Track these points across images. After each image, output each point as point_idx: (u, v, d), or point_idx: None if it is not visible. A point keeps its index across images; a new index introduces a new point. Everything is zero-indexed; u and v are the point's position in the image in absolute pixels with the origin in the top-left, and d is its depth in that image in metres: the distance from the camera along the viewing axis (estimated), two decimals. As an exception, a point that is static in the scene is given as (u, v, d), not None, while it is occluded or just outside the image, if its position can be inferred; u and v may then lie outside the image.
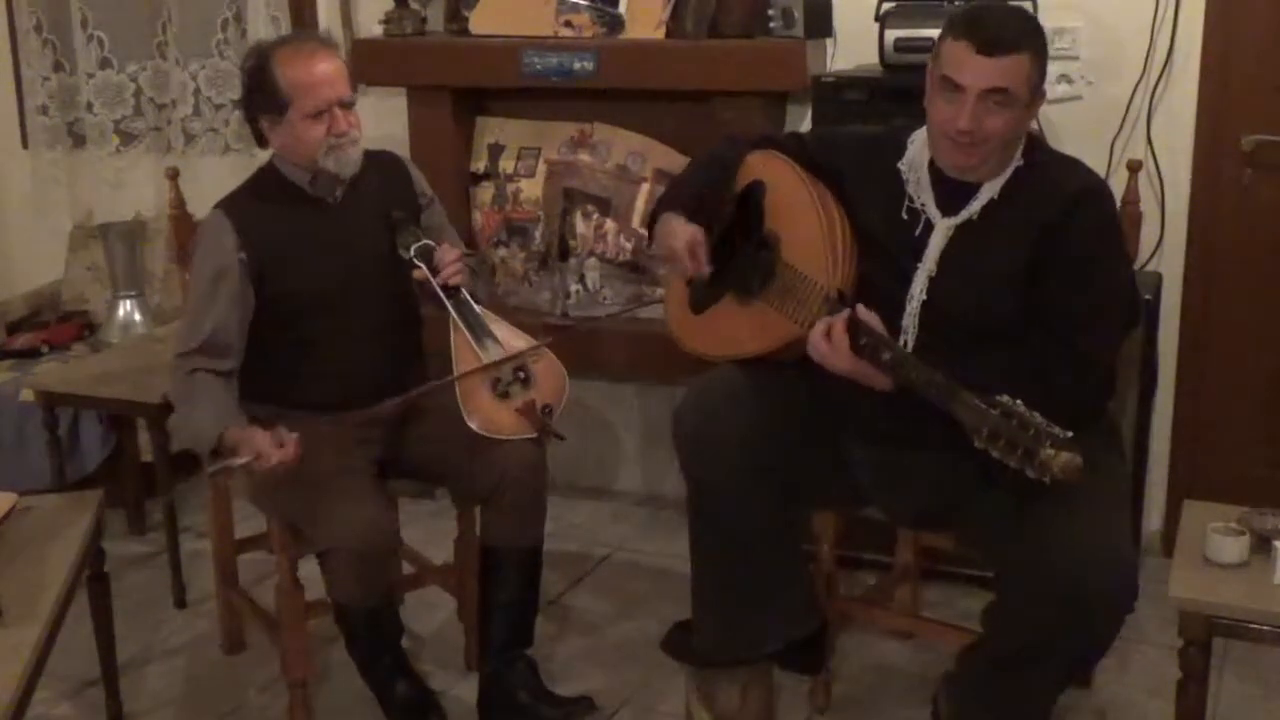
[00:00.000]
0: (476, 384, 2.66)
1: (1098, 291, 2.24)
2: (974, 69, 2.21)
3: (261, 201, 2.69)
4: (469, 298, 2.71)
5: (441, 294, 2.68)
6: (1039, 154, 2.33)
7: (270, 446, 2.46)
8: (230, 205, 2.68)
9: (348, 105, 2.63)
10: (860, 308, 2.22)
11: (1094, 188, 2.29)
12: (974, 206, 2.30)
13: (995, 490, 2.22)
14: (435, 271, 2.68)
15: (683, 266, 2.47)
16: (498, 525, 2.69)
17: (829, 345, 2.21)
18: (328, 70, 2.60)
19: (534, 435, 2.65)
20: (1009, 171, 2.30)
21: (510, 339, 2.72)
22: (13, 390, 3.67)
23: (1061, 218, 2.23)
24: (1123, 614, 2.16)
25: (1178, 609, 2.21)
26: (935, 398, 2.07)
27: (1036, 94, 2.26)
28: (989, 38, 2.21)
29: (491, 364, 2.65)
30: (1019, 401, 1.95)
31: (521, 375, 2.69)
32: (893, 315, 2.30)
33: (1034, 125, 3.14)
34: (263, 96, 2.61)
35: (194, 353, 2.60)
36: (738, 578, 2.53)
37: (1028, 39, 2.23)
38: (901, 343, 2.29)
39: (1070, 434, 1.91)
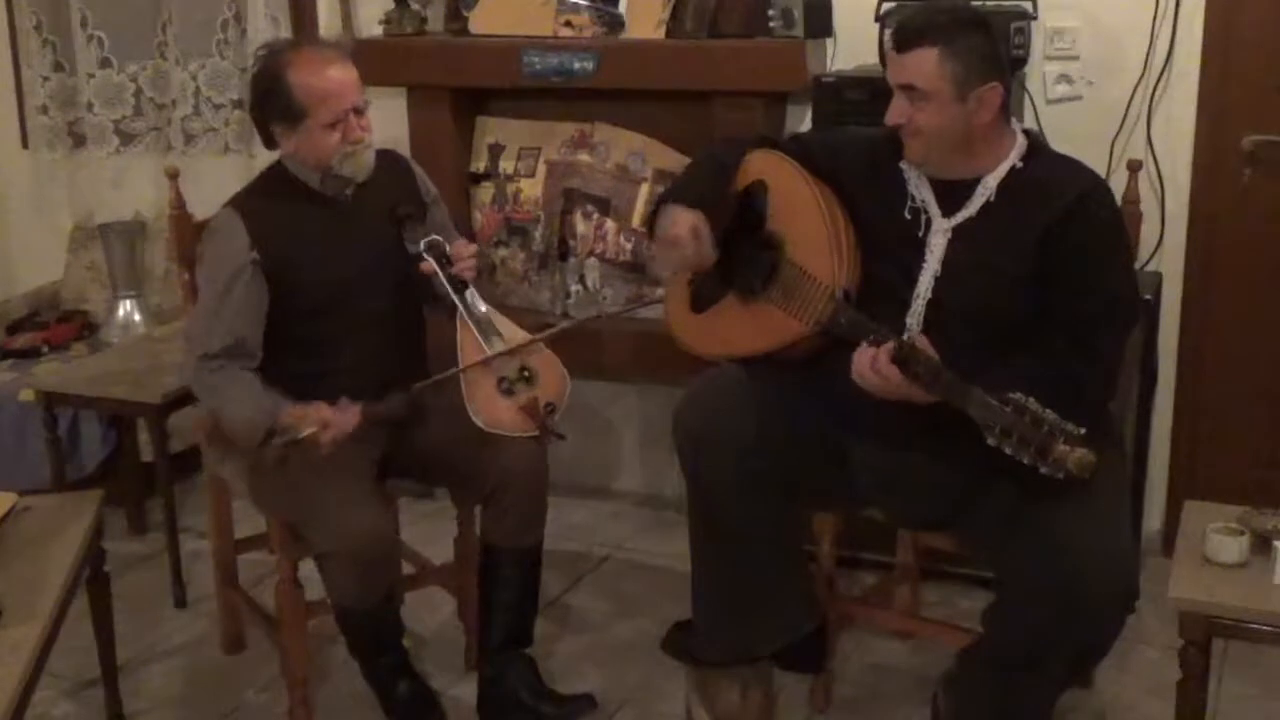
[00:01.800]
0: (482, 381, 2.66)
1: (1103, 292, 2.24)
2: (889, 65, 2.30)
3: (271, 200, 2.68)
4: (475, 294, 2.71)
5: (450, 288, 2.68)
6: (1039, 154, 2.33)
7: (335, 415, 2.48)
8: (241, 204, 2.67)
9: (360, 111, 2.62)
10: (918, 335, 2.21)
11: (1097, 189, 2.29)
12: (971, 207, 2.30)
13: (996, 491, 2.22)
14: (444, 265, 2.68)
15: (686, 251, 2.44)
16: (498, 525, 2.70)
17: (879, 376, 2.16)
18: (343, 79, 2.59)
19: (535, 433, 2.66)
20: (1002, 170, 2.29)
21: (515, 336, 2.72)
22: (13, 390, 3.67)
23: (1066, 219, 2.22)
24: (1123, 615, 2.17)
25: (1177, 609, 2.21)
26: (948, 396, 2.08)
27: (965, 87, 2.20)
28: (895, 33, 2.27)
29: (495, 355, 2.66)
30: (1032, 399, 1.95)
31: (526, 373, 2.69)
32: (898, 314, 2.30)
33: (1034, 125, 3.17)
34: (276, 104, 2.59)
35: (218, 355, 2.59)
36: (738, 577, 2.53)
37: (935, 33, 2.20)
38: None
39: (1083, 430, 1.91)
